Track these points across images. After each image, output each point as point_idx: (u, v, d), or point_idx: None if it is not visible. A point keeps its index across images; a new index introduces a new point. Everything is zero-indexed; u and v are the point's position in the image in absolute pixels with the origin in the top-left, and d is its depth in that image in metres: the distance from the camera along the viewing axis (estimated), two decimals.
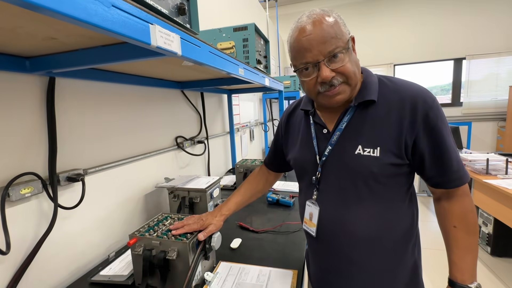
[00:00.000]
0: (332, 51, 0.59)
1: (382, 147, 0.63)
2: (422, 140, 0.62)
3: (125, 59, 0.60)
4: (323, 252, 0.73)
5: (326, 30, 0.59)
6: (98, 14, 0.36)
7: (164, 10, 0.55)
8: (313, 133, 0.74)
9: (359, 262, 0.67)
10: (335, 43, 0.59)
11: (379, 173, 0.63)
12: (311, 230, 0.73)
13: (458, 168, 0.65)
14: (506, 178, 2.06)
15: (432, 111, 0.61)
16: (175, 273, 0.76)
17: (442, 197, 0.70)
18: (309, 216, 0.74)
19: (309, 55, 0.61)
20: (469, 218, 0.67)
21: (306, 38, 0.60)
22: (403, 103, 0.63)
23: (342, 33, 0.61)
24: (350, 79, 0.62)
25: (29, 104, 0.76)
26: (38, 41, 0.57)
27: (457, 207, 0.68)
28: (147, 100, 1.26)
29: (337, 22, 0.61)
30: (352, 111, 0.67)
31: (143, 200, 1.23)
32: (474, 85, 4.37)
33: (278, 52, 4.33)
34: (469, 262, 0.67)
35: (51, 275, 0.83)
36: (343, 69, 0.61)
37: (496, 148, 4.33)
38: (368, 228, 0.65)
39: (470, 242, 0.67)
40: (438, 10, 4.38)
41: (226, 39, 1.30)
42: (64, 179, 0.83)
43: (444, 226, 0.70)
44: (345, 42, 0.60)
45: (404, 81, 0.68)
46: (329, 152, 0.69)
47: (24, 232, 0.75)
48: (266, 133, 3.54)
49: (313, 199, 0.73)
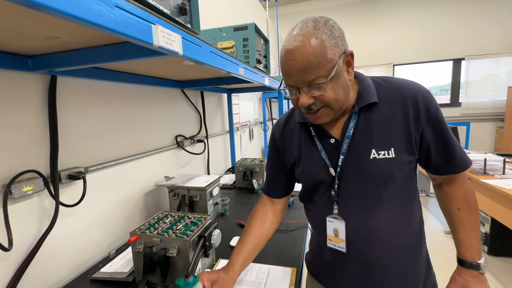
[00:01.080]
0: (311, 81, 0.58)
1: (396, 147, 0.63)
2: (427, 132, 0.64)
3: (127, 59, 0.61)
4: (353, 262, 0.69)
5: (308, 59, 0.56)
6: (102, 15, 0.36)
7: (166, 10, 0.56)
8: (319, 145, 0.70)
9: (386, 262, 0.67)
10: (316, 73, 0.57)
11: (397, 174, 0.63)
12: (340, 246, 0.69)
13: (461, 154, 0.67)
14: (503, 178, 2.07)
15: (432, 105, 0.63)
16: (176, 270, 0.77)
17: (444, 182, 0.73)
18: (334, 233, 0.69)
19: (291, 80, 0.62)
20: (470, 199, 0.70)
21: (288, 63, 0.60)
22: (404, 101, 0.64)
23: (326, 60, 0.57)
24: (331, 105, 0.61)
25: (31, 102, 0.77)
26: (41, 40, 0.57)
27: (460, 190, 0.70)
28: (147, 99, 1.27)
29: (323, 48, 0.56)
30: (356, 116, 0.66)
31: (143, 198, 1.24)
32: (473, 86, 4.38)
33: (278, 51, 4.34)
34: (474, 240, 0.70)
35: (52, 271, 0.84)
36: (322, 97, 0.60)
37: (494, 148, 4.35)
38: (389, 230, 0.66)
39: (473, 221, 0.70)
40: (437, 10, 4.39)
41: (226, 39, 1.31)
42: (66, 177, 0.84)
43: (448, 209, 0.73)
44: (328, 70, 0.57)
45: (398, 79, 0.69)
46: (343, 162, 0.66)
47: (26, 229, 0.76)
48: (265, 132, 3.55)
49: (335, 213, 0.69)
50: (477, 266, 0.68)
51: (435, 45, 4.46)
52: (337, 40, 0.58)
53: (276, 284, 0.80)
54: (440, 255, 2.21)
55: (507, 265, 2.22)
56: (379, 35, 4.80)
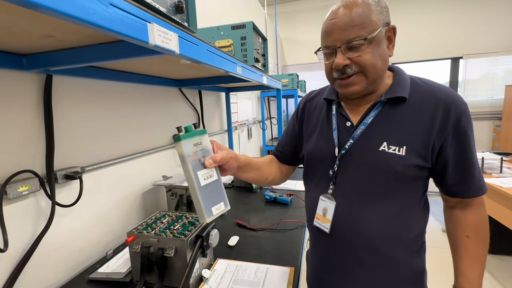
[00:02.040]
0: (351, 39, 0.57)
1: (408, 147, 0.60)
2: (449, 144, 0.60)
3: (123, 57, 0.60)
4: (333, 249, 0.69)
5: (351, 17, 0.57)
6: (96, 13, 0.36)
7: (162, 9, 0.55)
8: (334, 124, 0.69)
9: (368, 262, 0.65)
10: (357, 31, 0.57)
11: (402, 173, 0.61)
12: (324, 226, 0.69)
13: (479, 178, 0.63)
14: (500, 177, 2.09)
15: (465, 117, 0.60)
16: (173, 270, 0.76)
17: (457, 206, 0.68)
18: (323, 212, 0.69)
19: (329, 39, 0.61)
20: (483, 229, 0.66)
21: (331, 22, 0.60)
22: (436, 104, 0.60)
23: (370, 22, 0.57)
24: (366, 70, 0.60)
25: (26, 101, 0.76)
26: (35, 39, 0.56)
27: (473, 217, 0.66)
28: (145, 98, 1.26)
29: (368, 10, 0.57)
30: (380, 106, 0.64)
31: (141, 198, 1.24)
32: (471, 84, 4.39)
33: (277, 50, 4.32)
34: (477, 272, 0.65)
35: (49, 272, 0.83)
36: (359, 59, 0.59)
37: (492, 147, 4.37)
38: (382, 229, 0.63)
39: (481, 253, 0.66)
40: (435, 10, 4.39)
41: (224, 37, 1.30)
42: (62, 177, 0.83)
43: (455, 235, 0.68)
44: (370, 32, 0.57)
45: (438, 83, 0.65)
46: (350, 146, 0.65)
47: (22, 230, 0.76)
48: (264, 131, 3.55)
49: (329, 193, 0.69)
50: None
51: (433, 44, 4.47)
52: (383, 9, 0.59)
53: (274, 284, 0.79)
54: (437, 254, 2.22)
55: (504, 263, 2.24)
56: None
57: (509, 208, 1.82)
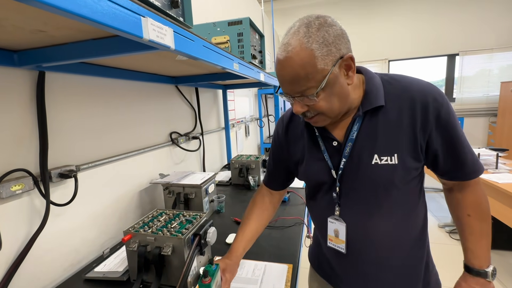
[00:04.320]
0: (301, 92, 0.58)
1: (399, 153, 0.61)
2: (435, 138, 0.61)
3: (117, 53, 0.59)
4: (351, 266, 0.71)
5: (296, 71, 0.55)
6: (88, 6, 0.35)
7: (156, 3, 0.54)
8: (322, 146, 0.69)
9: (385, 266, 0.68)
10: (305, 84, 0.56)
11: (399, 181, 0.62)
12: (339, 247, 0.70)
13: (473, 161, 0.64)
14: (496, 173, 2.10)
15: (443, 109, 0.59)
16: (170, 268, 0.76)
17: (455, 187, 0.70)
18: (334, 233, 0.70)
19: (284, 89, 0.62)
20: (482, 206, 0.68)
21: (279, 73, 0.59)
22: (413, 103, 0.60)
23: (317, 71, 0.54)
24: (324, 113, 0.61)
25: (18, 99, 0.74)
26: (26, 34, 0.55)
27: (471, 196, 0.68)
28: (140, 95, 1.24)
29: (312, 59, 0.53)
30: (360, 119, 0.64)
31: (138, 196, 1.23)
32: (466, 81, 4.41)
33: (274, 47, 4.30)
34: (484, 248, 0.68)
35: (44, 272, 0.82)
36: (314, 107, 0.60)
37: (487, 143, 4.41)
38: (394, 235, 0.65)
39: (484, 229, 0.68)
40: (432, 6, 4.39)
41: (221, 34, 1.28)
42: (56, 175, 0.82)
43: (457, 215, 0.71)
44: (319, 81, 0.55)
45: (410, 78, 0.65)
46: (344, 165, 0.65)
47: (16, 229, 0.74)
48: (261, 128, 3.54)
49: (336, 215, 0.69)
50: (484, 274, 0.67)
51: (429, 41, 4.48)
52: (330, 47, 0.54)
53: (272, 281, 0.79)
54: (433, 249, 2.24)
55: (500, 258, 2.27)
56: (375, 31, 4.79)
57: (504, 203, 1.84)
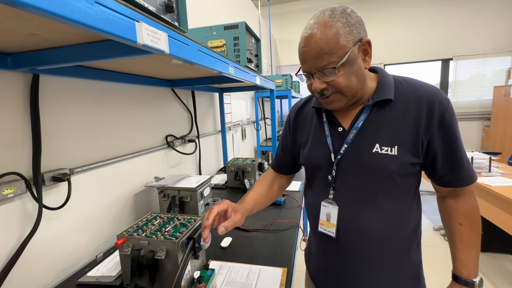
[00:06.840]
0: (323, 67, 0.61)
1: (400, 146, 0.63)
2: (436, 139, 0.63)
3: (111, 57, 0.59)
4: (340, 252, 0.71)
5: (320, 46, 0.59)
6: (81, 11, 0.35)
7: (151, 8, 0.54)
8: (327, 131, 0.73)
9: (372, 260, 0.68)
10: (328, 58, 0.60)
11: (396, 172, 0.64)
12: (330, 231, 0.71)
13: (468, 168, 0.66)
14: (489, 176, 2.13)
15: (448, 112, 0.62)
16: (164, 273, 0.75)
17: (449, 195, 0.72)
18: (326, 217, 0.72)
19: (305, 66, 0.65)
20: (474, 216, 0.69)
21: (303, 50, 0.63)
22: (420, 103, 0.63)
23: (339, 46, 0.59)
24: (342, 91, 0.64)
25: (11, 102, 0.74)
26: (19, 37, 0.55)
27: (464, 205, 0.69)
28: (136, 98, 1.24)
29: (337, 35, 0.59)
30: (368, 109, 0.67)
31: (133, 200, 1.22)
32: (460, 85, 4.48)
33: (270, 51, 4.33)
34: (473, 258, 0.69)
35: (36, 276, 0.81)
36: (333, 83, 0.62)
37: (481, 146, 4.47)
38: (382, 227, 0.66)
39: (475, 239, 0.69)
40: (427, 12, 4.46)
41: (217, 38, 1.29)
42: (49, 179, 0.81)
43: (449, 223, 0.72)
44: (340, 56, 0.59)
45: (420, 81, 0.68)
46: (345, 151, 0.68)
47: (7, 233, 0.73)
48: (258, 131, 3.55)
49: (330, 198, 0.71)
50: (471, 284, 0.68)
51: (424, 46, 4.55)
52: (352, 28, 0.60)
53: (266, 285, 0.79)
54: (428, 252, 2.26)
55: (494, 261, 2.28)
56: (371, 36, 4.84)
57: (498, 206, 1.86)
